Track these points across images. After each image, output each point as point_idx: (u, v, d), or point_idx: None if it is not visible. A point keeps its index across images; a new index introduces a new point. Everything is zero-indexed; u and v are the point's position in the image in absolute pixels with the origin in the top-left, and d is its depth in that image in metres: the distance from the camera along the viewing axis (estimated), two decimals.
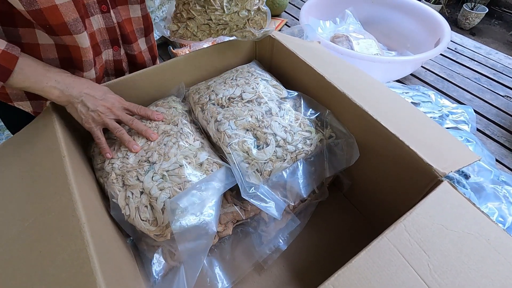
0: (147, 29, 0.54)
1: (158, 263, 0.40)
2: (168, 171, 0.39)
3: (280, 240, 0.45)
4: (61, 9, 0.37)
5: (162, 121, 0.46)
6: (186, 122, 0.47)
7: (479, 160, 0.35)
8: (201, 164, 0.41)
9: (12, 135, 0.42)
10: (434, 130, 0.41)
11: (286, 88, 0.51)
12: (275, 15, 1.10)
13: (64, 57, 0.43)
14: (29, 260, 0.28)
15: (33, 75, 0.38)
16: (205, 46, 0.57)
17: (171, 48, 0.88)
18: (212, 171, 0.41)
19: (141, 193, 0.39)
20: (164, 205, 0.38)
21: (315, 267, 0.45)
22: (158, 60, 0.62)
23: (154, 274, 0.39)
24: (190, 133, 0.44)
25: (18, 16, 0.38)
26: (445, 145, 0.38)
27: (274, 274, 0.44)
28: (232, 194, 0.45)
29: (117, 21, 0.47)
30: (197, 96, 0.50)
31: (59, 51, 0.43)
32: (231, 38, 0.56)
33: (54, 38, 0.41)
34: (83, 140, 0.47)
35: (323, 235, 0.49)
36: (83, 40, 0.41)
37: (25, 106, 0.48)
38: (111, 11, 0.46)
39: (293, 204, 0.45)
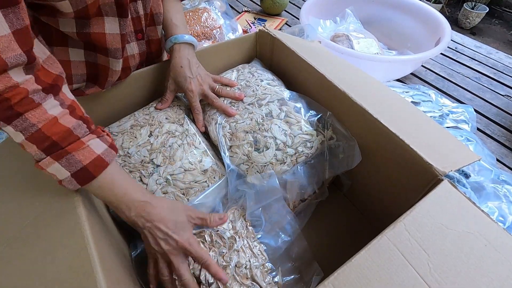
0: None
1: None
2: (172, 175, 0.40)
3: (291, 245, 0.45)
4: (107, 38, 0.39)
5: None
6: (191, 121, 0.46)
7: (479, 160, 0.36)
8: (205, 171, 0.41)
9: None
10: (434, 129, 0.41)
11: (287, 86, 0.51)
12: (275, 14, 1.10)
13: (91, 73, 0.45)
14: (29, 258, 0.28)
15: (110, 194, 0.34)
16: (205, 45, 0.57)
17: None
18: (214, 178, 0.41)
19: None
20: None
21: None
22: None
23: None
24: (195, 134, 0.44)
25: (55, 36, 0.39)
26: (445, 145, 0.38)
27: None
28: None
29: (147, 45, 0.49)
30: None
31: (88, 68, 0.44)
32: (232, 38, 0.56)
33: (88, 55, 0.43)
34: None
35: (323, 234, 0.49)
36: (116, 64, 0.43)
37: None
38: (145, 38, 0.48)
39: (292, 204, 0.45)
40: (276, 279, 0.37)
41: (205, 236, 0.37)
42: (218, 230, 0.37)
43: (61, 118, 0.30)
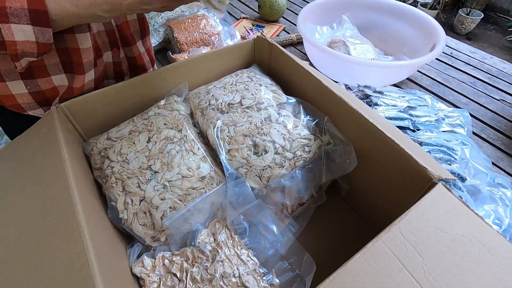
0: (143, 31, 0.56)
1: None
2: (170, 181, 0.40)
3: (279, 244, 0.45)
4: None
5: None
6: (189, 127, 0.47)
7: (455, 180, 0.36)
8: (203, 178, 0.41)
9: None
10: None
11: (284, 92, 0.52)
12: (273, 21, 1.11)
13: (65, 61, 0.44)
14: (29, 262, 0.28)
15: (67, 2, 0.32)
16: (204, 51, 0.58)
17: (170, 53, 0.89)
18: (212, 185, 0.41)
19: (141, 200, 0.39)
20: (163, 214, 0.38)
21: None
22: (156, 65, 0.63)
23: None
24: (194, 140, 0.44)
25: None
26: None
27: None
28: None
29: (116, 24, 0.49)
30: (197, 101, 0.50)
31: (61, 55, 0.44)
32: (230, 44, 0.56)
33: (56, 38, 0.42)
34: (84, 141, 0.48)
35: (322, 238, 0.49)
36: (84, 40, 0.42)
37: (39, 113, 0.49)
38: None
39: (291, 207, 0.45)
40: (271, 281, 0.38)
41: (187, 253, 0.38)
42: (199, 246, 0.38)
43: None
